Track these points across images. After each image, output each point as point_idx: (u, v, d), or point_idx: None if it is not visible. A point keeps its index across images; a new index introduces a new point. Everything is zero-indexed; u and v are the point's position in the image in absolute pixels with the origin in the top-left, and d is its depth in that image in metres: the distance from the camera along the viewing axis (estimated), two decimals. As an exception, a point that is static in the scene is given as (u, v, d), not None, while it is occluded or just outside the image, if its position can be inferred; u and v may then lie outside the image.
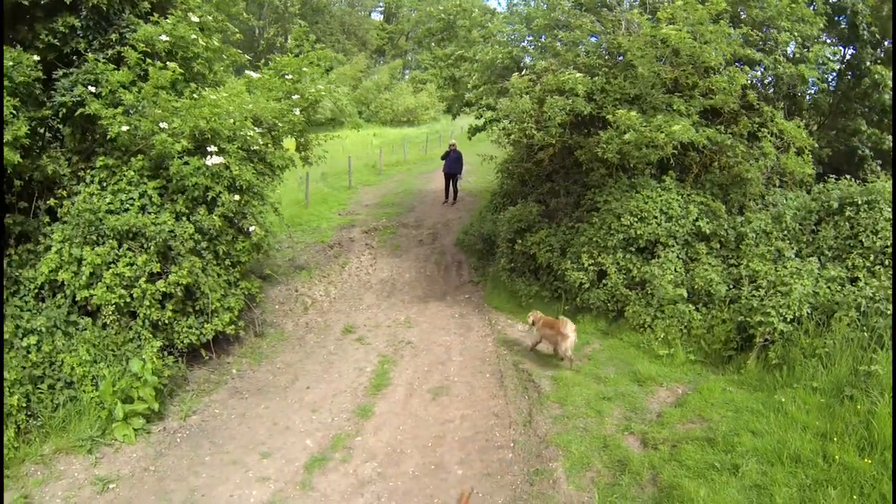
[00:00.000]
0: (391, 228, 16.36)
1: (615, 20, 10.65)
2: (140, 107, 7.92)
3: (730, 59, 9.33)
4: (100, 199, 7.73)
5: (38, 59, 7.56)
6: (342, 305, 11.52)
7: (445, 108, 21.14)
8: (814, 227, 8.89)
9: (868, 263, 8.00)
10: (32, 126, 7.56)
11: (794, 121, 10.02)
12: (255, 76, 9.70)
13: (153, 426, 7.27)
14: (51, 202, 7.87)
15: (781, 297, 7.54)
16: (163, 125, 7.78)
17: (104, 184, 7.94)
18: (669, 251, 9.12)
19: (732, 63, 9.54)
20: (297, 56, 10.13)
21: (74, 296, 7.55)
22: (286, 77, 9.61)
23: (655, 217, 9.18)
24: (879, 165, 10.91)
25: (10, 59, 7.19)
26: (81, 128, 8.42)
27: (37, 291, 7.60)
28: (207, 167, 7.85)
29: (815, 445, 5.54)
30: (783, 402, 6.25)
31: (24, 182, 7.72)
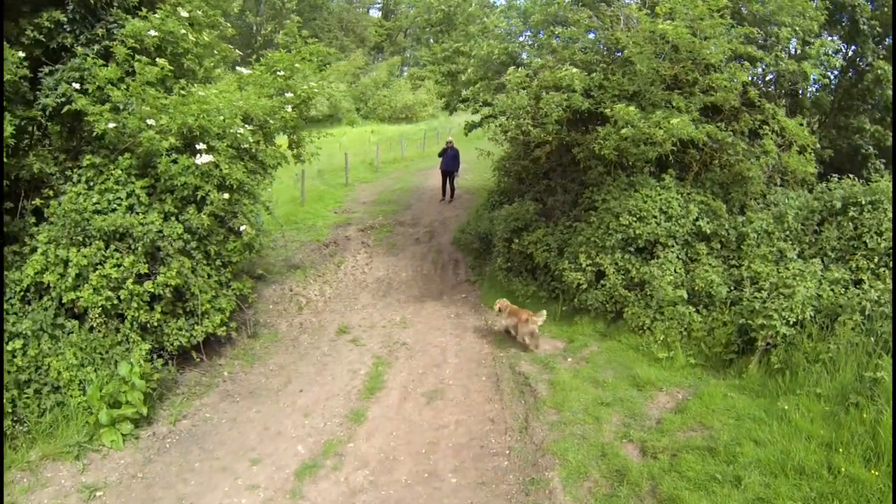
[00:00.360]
0: (388, 226, 16.18)
1: (613, 16, 10.45)
2: (128, 103, 7.73)
3: (730, 56, 9.14)
4: (86, 199, 7.56)
5: (24, 56, 7.37)
6: (337, 305, 11.36)
7: (443, 105, 20.88)
8: (816, 228, 8.72)
9: (872, 265, 7.83)
10: (21, 125, 7.39)
11: (796, 118, 9.84)
12: (247, 73, 9.50)
13: (142, 431, 7.11)
14: (37, 202, 7.69)
15: (784, 300, 7.36)
16: (150, 122, 7.59)
17: (91, 183, 7.76)
18: (669, 251, 8.94)
19: (733, 60, 9.36)
20: (289, 52, 9.92)
21: (61, 298, 7.38)
22: (278, 74, 9.41)
23: (655, 216, 9.00)
24: (883, 164, 10.72)
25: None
26: (69, 125, 8.24)
27: (22, 294, 7.42)
28: (196, 166, 7.67)
29: (820, 456, 5.36)
30: (786, 410, 6.05)
31: (11, 182, 7.55)
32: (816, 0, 9.57)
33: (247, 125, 8.50)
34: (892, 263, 7.84)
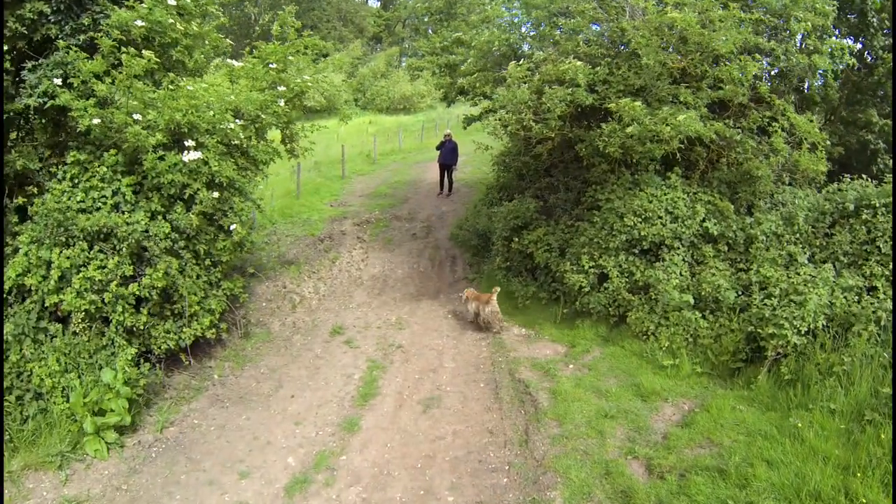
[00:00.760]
0: (384, 221, 15.85)
1: (618, 7, 10.10)
2: (114, 97, 7.40)
3: (740, 48, 8.81)
4: (71, 198, 7.24)
5: (8, 49, 7.04)
6: (331, 303, 11.06)
7: (442, 96, 20.50)
8: (827, 231, 8.43)
9: (887, 272, 7.52)
10: (8, 117, 7.08)
11: (806, 115, 9.51)
12: (238, 65, 9.15)
13: (127, 439, 6.86)
14: (19, 200, 7.38)
15: (796, 308, 7.06)
16: (137, 117, 7.26)
17: (76, 181, 7.44)
18: (675, 254, 8.62)
19: (742, 53, 9.02)
20: (283, 44, 9.56)
21: (44, 301, 7.09)
22: (270, 66, 9.06)
23: (660, 217, 8.68)
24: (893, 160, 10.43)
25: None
26: (53, 120, 7.91)
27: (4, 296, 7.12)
28: (184, 163, 7.35)
29: (837, 480, 5.08)
30: (800, 428, 5.79)
31: (-7, 179, 7.25)
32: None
33: (238, 120, 8.18)
34: (893, 266, 7.56)
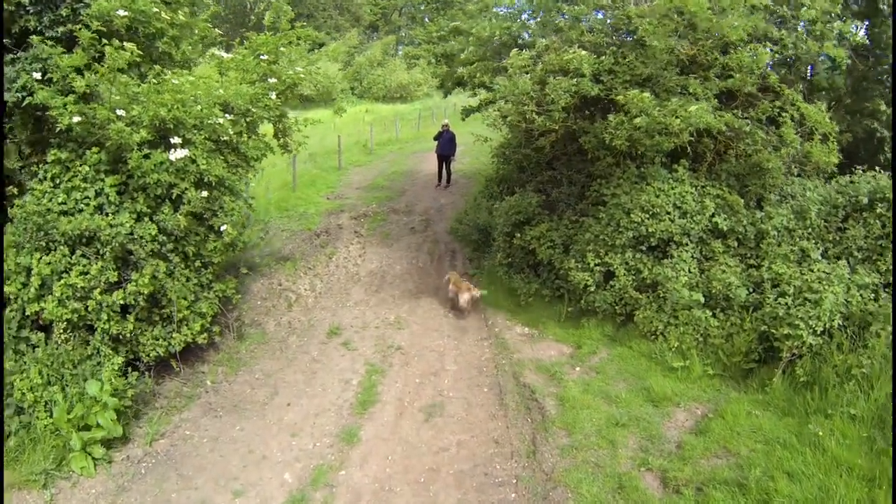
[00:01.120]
0: (381, 214, 15.51)
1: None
2: (98, 90, 7.03)
3: (751, 35, 8.45)
4: (52, 199, 6.89)
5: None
6: (328, 301, 10.74)
7: (438, 85, 20.07)
8: (840, 225, 8.12)
9: (904, 268, 7.26)
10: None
11: (816, 104, 9.17)
12: (228, 56, 8.76)
13: (116, 453, 6.56)
14: (-3, 202, 7.05)
15: (811, 307, 6.76)
16: (121, 113, 6.88)
17: (57, 181, 7.08)
18: (683, 250, 8.30)
19: (752, 41, 8.67)
20: (276, 34, 9.17)
21: (24, 309, 6.76)
22: (262, 58, 8.68)
23: (668, 213, 8.35)
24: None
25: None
26: (34, 116, 7.54)
27: (-18, 305, 6.80)
28: (171, 162, 6.99)
29: (862, 494, 4.82)
30: (820, 437, 5.52)
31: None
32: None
33: (227, 115, 7.81)
34: (893, 263, 7.27)
